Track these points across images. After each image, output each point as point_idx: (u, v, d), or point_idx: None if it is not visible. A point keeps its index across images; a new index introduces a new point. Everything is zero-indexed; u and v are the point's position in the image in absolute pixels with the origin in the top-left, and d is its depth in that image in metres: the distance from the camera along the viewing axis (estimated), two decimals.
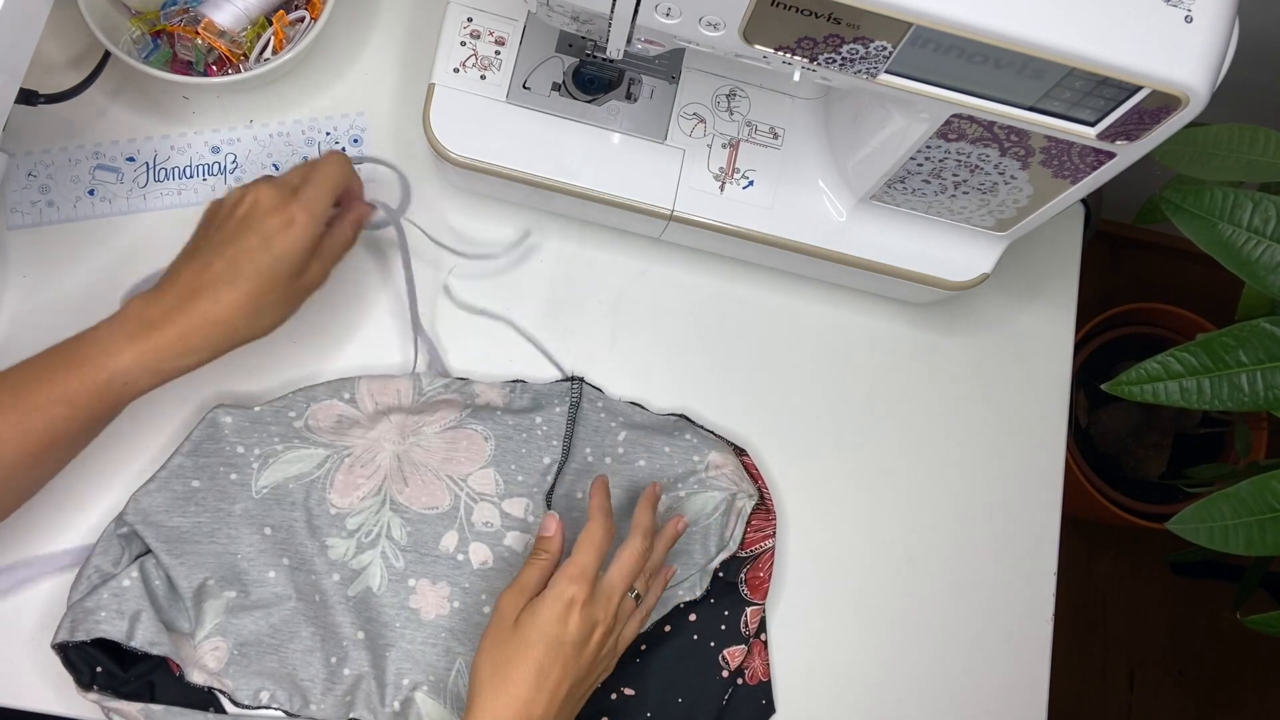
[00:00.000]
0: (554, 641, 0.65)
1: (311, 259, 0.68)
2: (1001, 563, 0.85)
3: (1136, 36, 0.55)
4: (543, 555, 0.68)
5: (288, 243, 0.66)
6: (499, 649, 0.65)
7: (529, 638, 0.65)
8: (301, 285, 0.68)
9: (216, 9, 0.78)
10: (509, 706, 0.64)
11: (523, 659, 0.64)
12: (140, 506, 0.72)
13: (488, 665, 0.65)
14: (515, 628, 0.65)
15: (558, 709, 0.65)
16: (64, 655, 0.69)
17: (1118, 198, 1.12)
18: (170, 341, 0.64)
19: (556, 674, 0.65)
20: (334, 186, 0.68)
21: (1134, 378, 0.70)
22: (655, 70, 0.79)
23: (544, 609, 0.65)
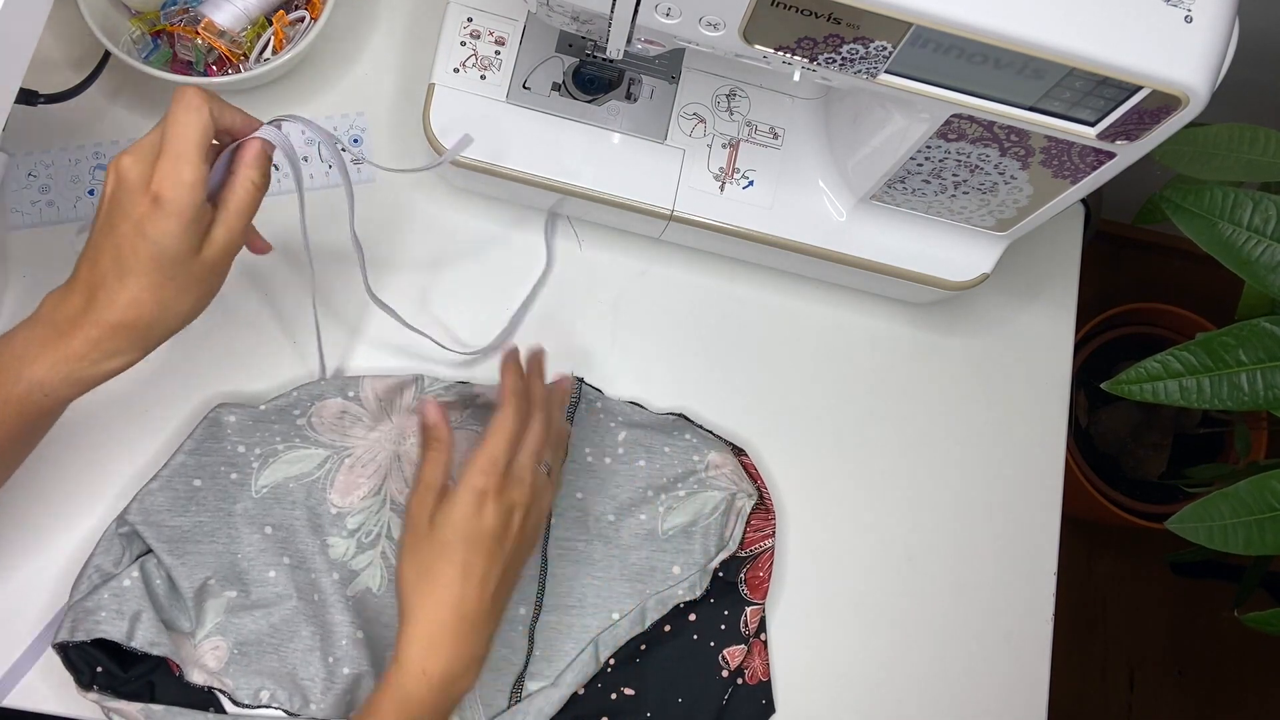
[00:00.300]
0: (473, 537, 0.63)
1: (211, 225, 0.59)
2: (1001, 563, 0.85)
3: (1136, 36, 0.55)
4: (435, 446, 0.66)
5: (161, 225, 0.56)
6: (419, 555, 0.63)
7: (447, 538, 0.63)
8: (206, 261, 0.59)
9: (216, 9, 0.78)
10: (440, 609, 0.62)
11: (445, 560, 0.63)
12: (143, 506, 0.72)
13: (411, 572, 0.63)
14: (431, 530, 0.64)
15: (490, 600, 0.64)
16: (64, 655, 0.69)
17: (1118, 198, 1.12)
18: (81, 349, 0.58)
19: (481, 567, 0.63)
20: (194, 142, 0.57)
21: (1134, 377, 0.70)
22: (655, 70, 0.79)
23: (457, 507, 0.63)
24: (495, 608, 0.65)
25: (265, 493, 0.74)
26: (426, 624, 0.62)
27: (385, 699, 0.62)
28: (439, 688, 0.62)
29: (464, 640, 0.63)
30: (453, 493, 0.64)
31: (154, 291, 0.58)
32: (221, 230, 0.59)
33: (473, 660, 0.64)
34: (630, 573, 0.78)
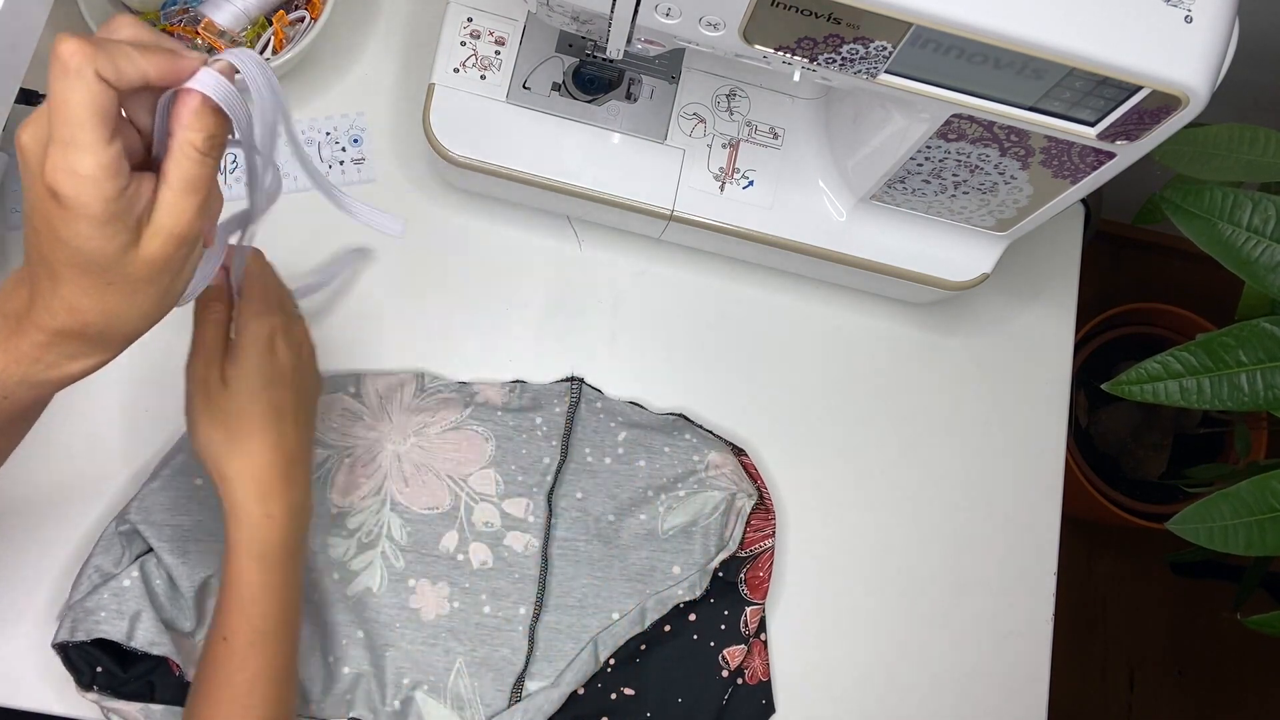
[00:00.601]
0: (274, 377, 0.62)
1: (147, 211, 0.46)
2: (1001, 563, 0.85)
3: (1136, 36, 0.55)
4: (214, 306, 0.62)
5: (70, 226, 0.44)
6: (221, 414, 0.61)
7: (249, 387, 0.61)
8: (151, 254, 0.47)
9: (216, 9, 0.78)
10: (262, 454, 0.61)
11: (253, 407, 0.61)
12: (143, 505, 0.72)
13: (218, 434, 0.61)
14: (227, 386, 0.61)
15: (302, 433, 0.63)
16: (64, 655, 0.69)
17: (1118, 198, 1.12)
18: (31, 352, 0.49)
19: (290, 402, 0.63)
20: (82, 120, 0.43)
21: (1134, 378, 0.70)
22: (655, 70, 0.79)
23: (251, 355, 0.61)
24: (307, 440, 0.64)
25: None
26: (253, 473, 0.61)
27: (241, 556, 0.61)
28: (288, 525, 0.62)
29: (294, 477, 0.63)
30: (241, 344, 0.61)
31: (92, 298, 0.47)
32: (164, 215, 0.46)
33: (306, 493, 0.64)
34: (630, 573, 0.78)
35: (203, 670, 0.62)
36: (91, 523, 0.75)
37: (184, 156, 0.46)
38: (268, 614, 0.61)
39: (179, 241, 0.47)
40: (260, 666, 0.61)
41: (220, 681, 0.61)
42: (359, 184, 0.82)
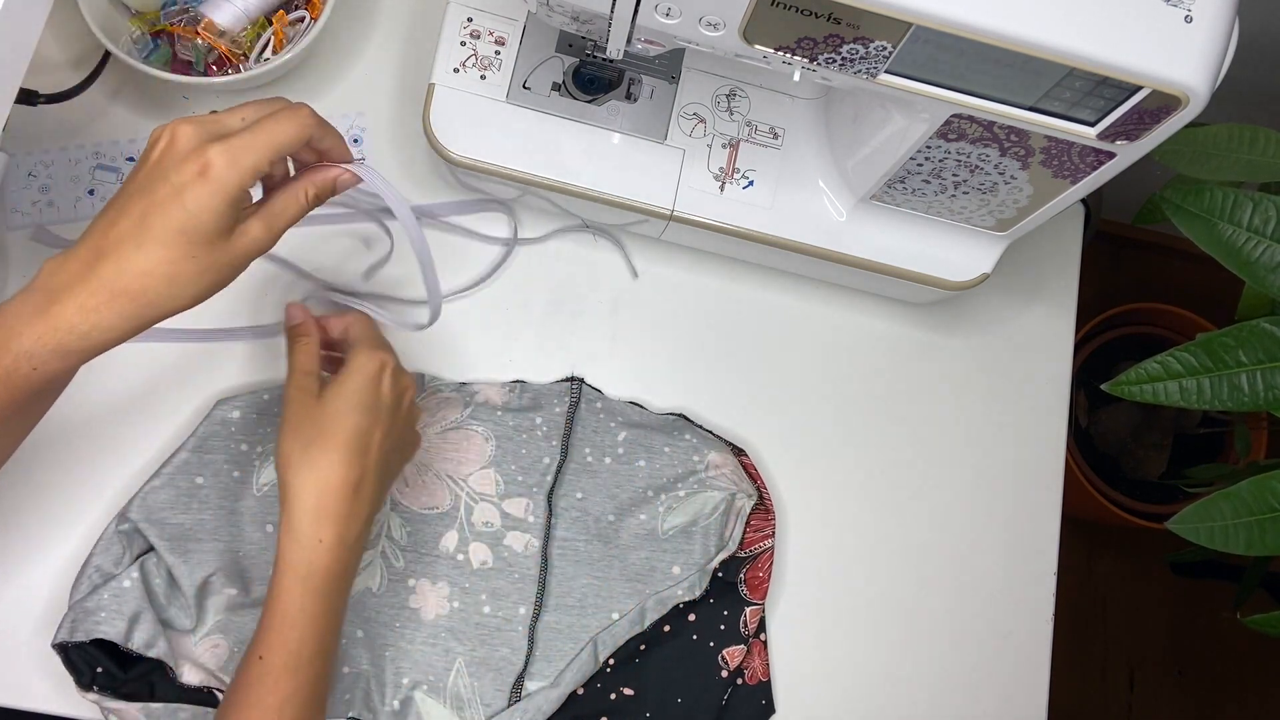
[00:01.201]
0: (368, 403, 0.62)
1: (249, 216, 0.57)
2: (1001, 563, 0.85)
3: (1136, 36, 0.55)
4: (303, 339, 0.66)
5: (203, 196, 0.54)
6: (304, 431, 0.61)
7: (338, 408, 0.62)
8: (233, 249, 0.56)
9: (216, 9, 0.78)
10: (331, 475, 0.61)
11: (334, 427, 0.61)
12: (145, 503, 0.72)
13: (294, 448, 0.61)
14: (320, 404, 0.62)
15: (377, 463, 0.63)
16: (64, 655, 0.69)
17: (1118, 198, 1.12)
18: (71, 317, 0.54)
19: (377, 437, 0.63)
20: (277, 142, 0.56)
21: (1134, 378, 0.70)
22: (655, 70, 0.79)
23: (353, 378, 0.63)
24: (381, 483, 0.64)
25: (267, 490, 0.74)
26: (316, 491, 0.61)
27: (287, 574, 0.60)
28: (336, 554, 0.61)
29: (355, 510, 0.62)
30: (350, 367, 0.64)
31: (170, 265, 0.54)
32: (258, 224, 0.57)
33: (363, 529, 0.63)
34: (630, 573, 0.78)
35: (236, 686, 0.61)
36: (91, 523, 0.75)
37: (292, 194, 0.60)
38: (305, 640, 0.60)
39: (257, 248, 0.58)
40: (292, 690, 0.60)
41: (252, 701, 0.60)
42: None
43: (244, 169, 0.55)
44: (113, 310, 0.54)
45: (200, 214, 0.54)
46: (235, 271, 0.58)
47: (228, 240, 0.56)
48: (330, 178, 0.61)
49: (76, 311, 0.54)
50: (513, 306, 0.83)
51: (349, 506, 0.61)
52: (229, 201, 0.55)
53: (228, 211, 0.55)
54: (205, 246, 0.55)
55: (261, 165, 0.55)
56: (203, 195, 0.54)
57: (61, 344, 0.54)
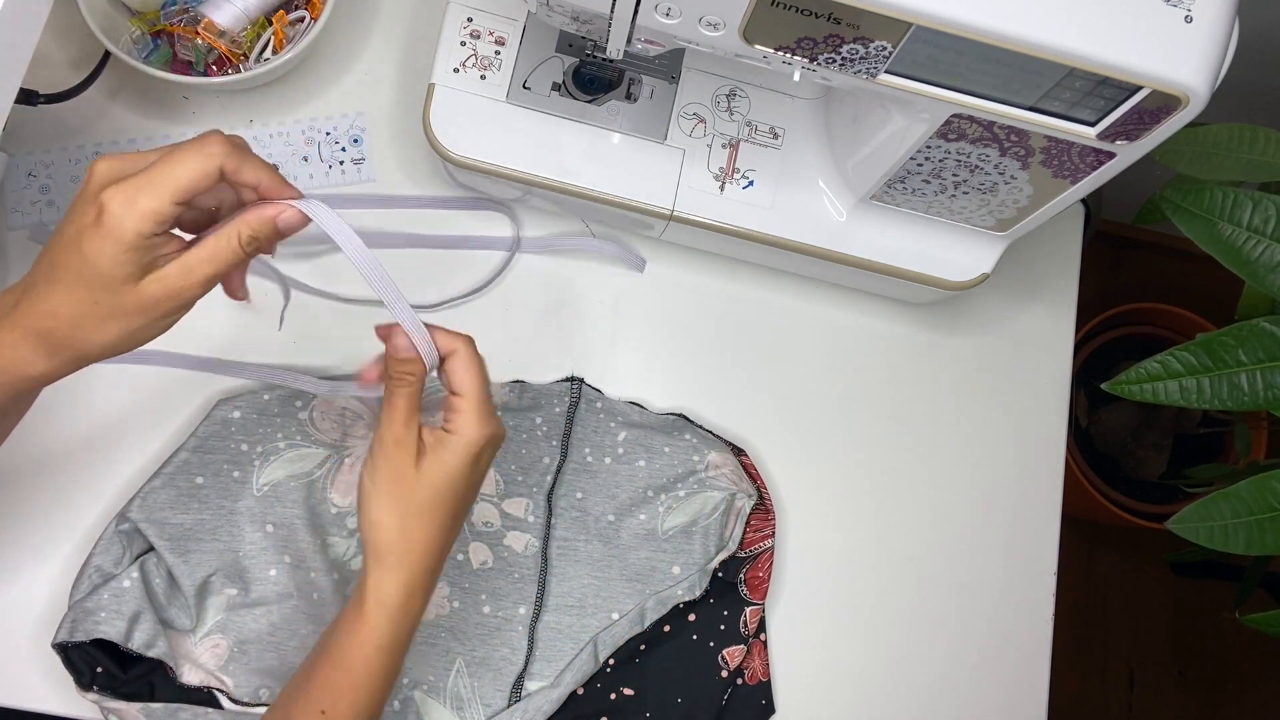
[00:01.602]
0: (468, 485, 0.61)
1: (167, 261, 0.53)
2: (1002, 563, 0.85)
3: (1136, 36, 0.55)
4: (409, 379, 0.60)
5: (95, 242, 0.51)
6: (404, 496, 0.59)
7: (443, 487, 0.59)
8: (145, 295, 0.53)
9: (216, 9, 0.78)
10: (427, 556, 0.60)
11: (437, 509, 0.60)
12: (145, 503, 0.72)
13: (391, 515, 0.59)
14: (420, 475, 0.59)
15: (454, 541, 0.62)
16: (64, 655, 0.69)
17: (1118, 198, 1.12)
18: (4, 345, 0.54)
19: (465, 512, 0.62)
20: (177, 178, 0.52)
21: (1134, 378, 0.70)
22: (655, 70, 0.79)
23: (457, 456, 0.59)
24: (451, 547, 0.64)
25: (266, 490, 0.75)
26: (411, 567, 0.60)
27: (367, 644, 0.59)
28: (415, 622, 0.61)
29: (435, 581, 0.62)
30: (453, 443, 0.59)
31: (72, 308, 0.53)
32: (175, 268, 0.53)
33: (432, 593, 0.63)
34: (630, 573, 0.78)
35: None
36: (91, 523, 0.75)
37: (225, 237, 0.54)
38: (375, 701, 0.60)
39: (177, 294, 0.53)
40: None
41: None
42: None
43: (140, 213, 0.51)
44: (28, 347, 0.54)
45: (94, 259, 0.51)
46: (153, 318, 0.54)
47: (134, 285, 0.52)
48: (267, 217, 0.55)
49: (7, 343, 0.53)
50: (513, 306, 0.83)
51: (433, 580, 0.61)
52: (125, 247, 0.51)
53: (126, 257, 0.52)
54: (107, 292, 0.52)
55: (161, 208, 0.52)
56: (96, 240, 0.51)
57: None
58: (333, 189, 0.82)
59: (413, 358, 0.59)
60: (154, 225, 0.52)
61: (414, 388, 0.60)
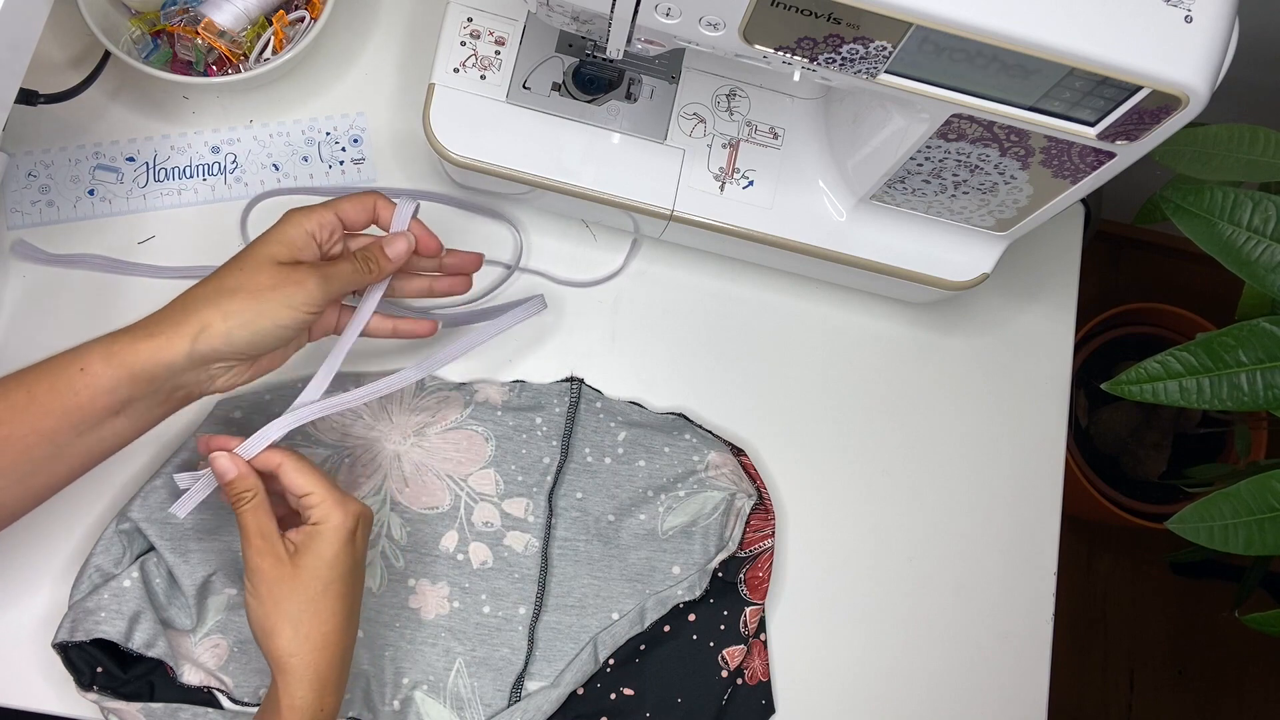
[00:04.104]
0: (349, 568, 0.62)
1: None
2: (1002, 563, 0.85)
3: (1136, 36, 0.55)
4: (248, 496, 0.63)
5: (265, 238, 0.65)
6: (289, 601, 0.61)
7: (325, 576, 0.61)
8: (276, 274, 0.63)
9: (216, 9, 0.78)
10: (328, 648, 0.61)
11: (325, 599, 0.61)
12: (146, 503, 0.72)
13: (282, 622, 0.61)
14: (300, 571, 0.61)
15: (357, 623, 0.64)
16: (64, 655, 0.69)
17: (1118, 198, 1.12)
18: (132, 329, 0.63)
19: (358, 594, 0.64)
20: (339, 209, 0.67)
21: (1134, 378, 0.70)
22: (655, 70, 0.79)
23: (330, 545, 0.62)
24: (356, 629, 0.66)
25: None
26: (315, 666, 0.61)
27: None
28: (334, 714, 0.63)
29: (346, 670, 0.63)
30: (323, 532, 0.62)
31: (218, 283, 0.63)
32: (310, 264, 0.65)
33: (347, 678, 0.65)
34: (630, 573, 0.78)
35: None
36: (91, 523, 0.75)
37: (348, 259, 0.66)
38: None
39: (300, 281, 0.63)
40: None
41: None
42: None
43: (309, 216, 0.66)
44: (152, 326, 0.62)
45: (260, 247, 0.65)
46: (276, 302, 0.63)
47: (274, 265, 0.64)
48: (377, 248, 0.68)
49: (139, 328, 0.61)
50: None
51: (343, 670, 0.63)
52: (287, 239, 0.65)
53: (282, 246, 0.65)
54: (254, 266, 0.64)
55: (325, 217, 0.66)
56: (266, 237, 0.66)
57: (110, 349, 0.60)
58: (332, 189, 0.82)
59: (237, 477, 0.63)
60: (319, 231, 0.65)
61: (253, 503, 0.62)
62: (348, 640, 0.63)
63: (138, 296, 0.79)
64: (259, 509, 0.63)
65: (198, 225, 0.80)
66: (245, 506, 0.62)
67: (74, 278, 0.78)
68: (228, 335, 0.61)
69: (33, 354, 0.76)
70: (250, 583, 0.62)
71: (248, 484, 0.63)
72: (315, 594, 0.61)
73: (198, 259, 0.80)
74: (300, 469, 0.63)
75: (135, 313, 0.77)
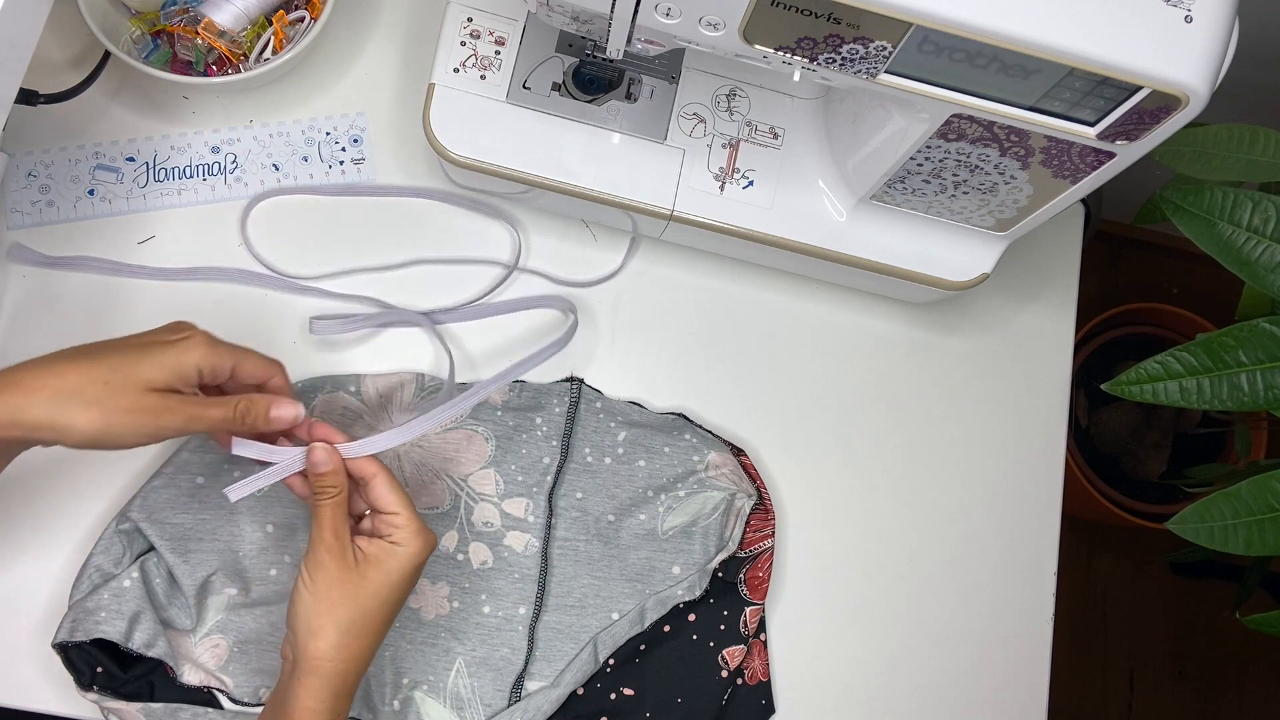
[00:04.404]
0: (406, 595, 0.64)
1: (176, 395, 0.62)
2: (1001, 563, 0.85)
3: (1136, 36, 0.55)
4: (330, 492, 0.63)
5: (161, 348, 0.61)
6: (344, 605, 0.61)
7: (386, 596, 0.62)
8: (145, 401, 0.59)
9: (216, 9, 0.78)
10: (363, 658, 0.62)
11: (378, 613, 0.62)
12: (146, 503, 0.72)
13: (329, 623, 0.61)
14: (366, 584, 0.62)
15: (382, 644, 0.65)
16: (64, 655, 0.69)
17: (1118, 198, 1.12)
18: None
19: (397, 615, 0.64)
20: (245, 362, 0.64)
21: (1134, 378, 0.70)
22: (655, 70, 0.79)
23: (405, 565, 0.62)
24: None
25: (267, 490, 0.74)
26: (345, 677, 0.62)
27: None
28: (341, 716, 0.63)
29: (361, 679, 0.64)
30: (400, 557, 0.62)
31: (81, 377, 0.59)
32: (181, 400, 0.60)
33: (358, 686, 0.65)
34: (630, 573, 0.78)
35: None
36: (91, 523, 0.75)
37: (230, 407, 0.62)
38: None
39: (162, 419, 0.60)
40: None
41: None
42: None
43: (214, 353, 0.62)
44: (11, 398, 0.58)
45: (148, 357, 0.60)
46: (131, 428, 0.59)
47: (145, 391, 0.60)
48: (263, 407, 0.64)
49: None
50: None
51: (359, 682, 0.63)
52: (178, 366, 0.61)
53: (170, 371, 0.60)
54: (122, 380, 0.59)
55: (222, 364, 0.63)
56: (163, 347, 0.61)
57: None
58: (329, 191, 0.82)
59: (331, 471, 0.63)
60: (209, 372, 0.61)
61: (336, 499, 0.63)
62: (373, 657, 0.64)
63: (137, 297, 0.79)
64: (340, 507, 0.63)
65: (198, 225, 0.80)
66: (328, 500, 0.63)
67: (73, 278, 0.78)
68: (64, 433, 0.58)
69: (32, 355, 0.76)
70: (309, 575, 0.62)
71: (339, 480, 0.63)
72: (370, 609, 0.62)
73: (198, 259, 0.80)
74: (392, 486, 0.64)
75: (134, 313, 0.78)
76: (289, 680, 0.62)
